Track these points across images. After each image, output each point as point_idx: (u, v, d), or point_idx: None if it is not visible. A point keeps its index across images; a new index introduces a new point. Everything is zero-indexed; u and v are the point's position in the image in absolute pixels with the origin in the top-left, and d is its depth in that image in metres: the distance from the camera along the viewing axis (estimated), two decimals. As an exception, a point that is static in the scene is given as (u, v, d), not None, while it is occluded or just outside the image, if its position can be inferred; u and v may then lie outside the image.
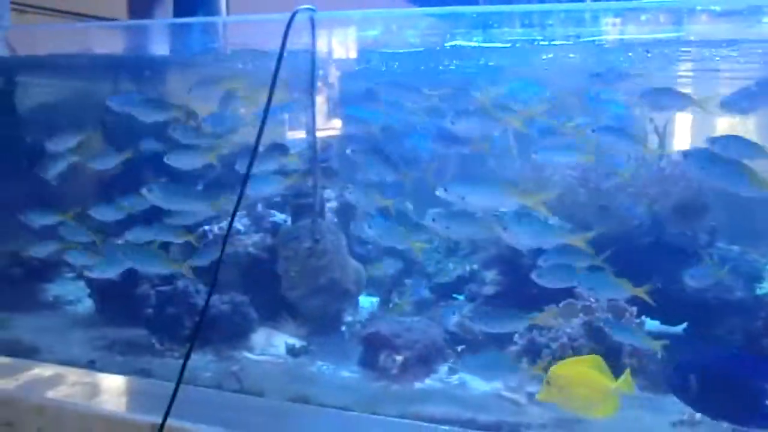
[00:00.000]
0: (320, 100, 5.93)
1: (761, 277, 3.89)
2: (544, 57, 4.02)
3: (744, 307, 3.84)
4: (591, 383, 2.78)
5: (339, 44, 4.36)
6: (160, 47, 5.17)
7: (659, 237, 4.04)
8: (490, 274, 4.21)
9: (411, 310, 4.28)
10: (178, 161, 3.71)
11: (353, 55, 4.56)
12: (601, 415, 2.81)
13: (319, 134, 5.46)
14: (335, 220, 4.21)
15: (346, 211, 4.35)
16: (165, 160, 3.66)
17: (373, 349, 3.70)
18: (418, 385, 3.61)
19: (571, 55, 4.22)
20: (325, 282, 3.86)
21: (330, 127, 6.14)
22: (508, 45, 3.77)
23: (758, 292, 3.79)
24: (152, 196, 3.56)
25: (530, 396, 3.46)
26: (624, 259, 3.94)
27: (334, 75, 5.87)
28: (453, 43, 3.77)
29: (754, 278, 3.95)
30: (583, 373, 2.82)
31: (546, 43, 3.74)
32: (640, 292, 3.40)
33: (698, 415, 3.26)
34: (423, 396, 3.49)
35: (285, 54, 2.97)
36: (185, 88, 4.19)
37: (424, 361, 3.71)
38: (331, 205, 4.26)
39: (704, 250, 4.14)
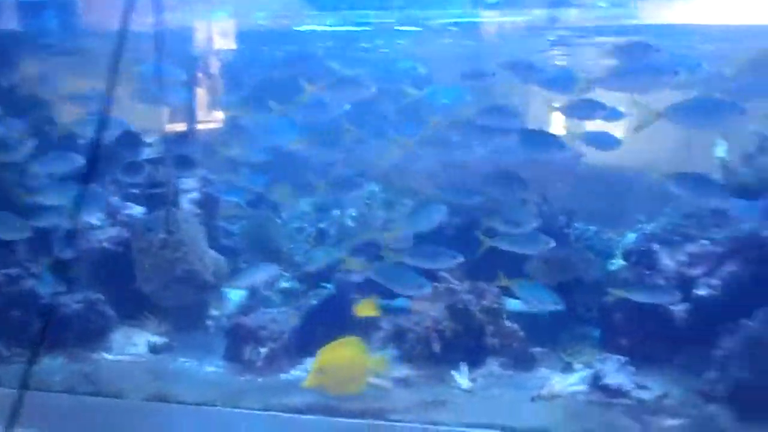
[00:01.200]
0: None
1: (613, 254, 4.08)
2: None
3: (597, 284, 4.00)
4: (351, 365, 2.85)
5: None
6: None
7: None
8: (358, 262, 4.18)
9: (279, 300, 4.20)
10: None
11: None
12: (354, 391, 2.90)
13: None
14: (197, 211, 4.06)
15: (209, 203, 4.20)
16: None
17: (237, 342, 3.60)
18: (284, 376, 3.54)
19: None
20: (181, 274, 3.70)
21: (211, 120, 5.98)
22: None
23: (610, 268, 3.96)
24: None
25: (397, 381, 3.48)
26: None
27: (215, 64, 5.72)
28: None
29: (607, 255, 4.13)
30: (344, 356, 2.87)
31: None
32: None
33: (556, 389, 3.39)
34: (289, 387, 3.42)
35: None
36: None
37: (290, 352, 3.64)
38: (193, 196, 4.10)
39: (562, 230, 4.30)
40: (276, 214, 4.70)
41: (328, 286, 4.19)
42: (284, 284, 4.26)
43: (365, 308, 3.48)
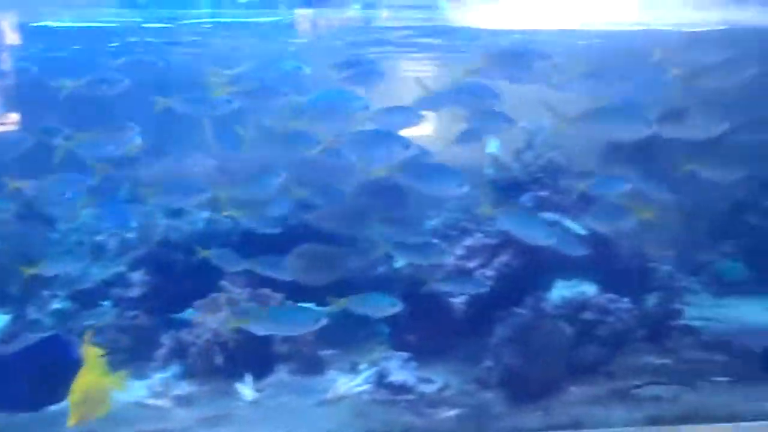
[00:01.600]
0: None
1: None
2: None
3: (387, 281, 4.05)
4: (96, 388, 2.64)
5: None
6: None
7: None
8: (137, 275, 3.94)
9: (51, 323, 3.85)
10: None
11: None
12: (102, 414, 2.66)
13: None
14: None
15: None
16: None
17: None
18: (54, 408, 3.23)
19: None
20: None
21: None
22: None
23: (395, 265, 4.02)
24: None
25: (178, 399, 3.30)
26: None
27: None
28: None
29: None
30: (88, 381, 2.64)
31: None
32: None
33: (341, 390, 3.38)
34: (50, 421, 3.12)
35: None
36: None
37: (53, 381, 3.33)
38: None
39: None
40: (51, 226, 4.33)
41: (105, 303, 3.92)
42: (56, 305, 3.91)
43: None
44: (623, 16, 4.40)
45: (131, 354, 3.60)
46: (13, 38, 3.44)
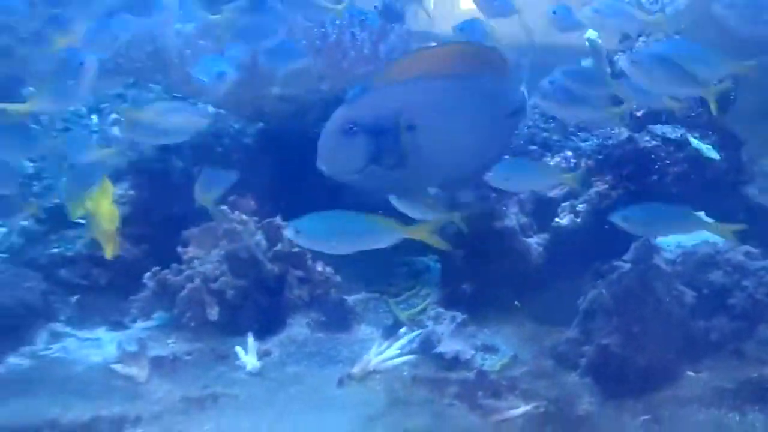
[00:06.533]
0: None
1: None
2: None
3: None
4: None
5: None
6: None
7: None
8: (123, 188, 3.08)
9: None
10: None
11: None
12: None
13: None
14: None
15: None
16: None
17: None
18: (-7, 368, 2.49)
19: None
20: None
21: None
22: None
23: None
24: None
25: (155, 363, 2.50)
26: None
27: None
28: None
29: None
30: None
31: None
32: None
33: (373, 363, 2.51)
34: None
35: None
36: None
37: (7, 331, 2.57)
38: None
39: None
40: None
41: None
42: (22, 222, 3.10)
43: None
44: None
45: (106, 295, 2.82)
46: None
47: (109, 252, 2.41)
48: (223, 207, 2.72)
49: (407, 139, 1.92)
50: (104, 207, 2.40)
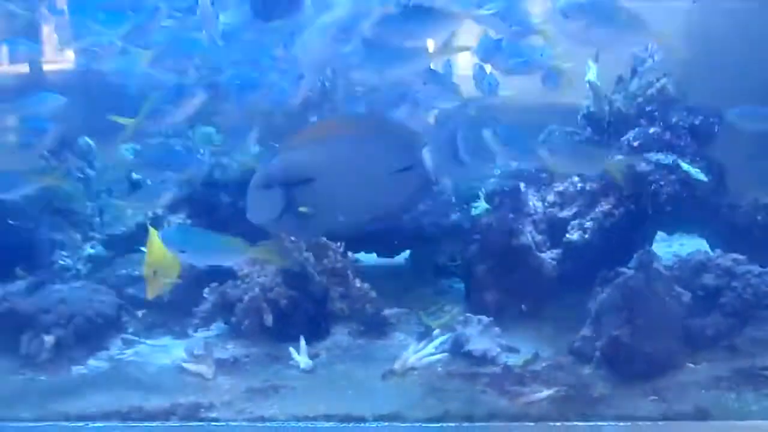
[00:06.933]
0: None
1: (477, 196, 3.55)
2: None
3: (461, 231, 3.50)
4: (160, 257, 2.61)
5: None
6: None
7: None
8: (179, 218, 3.47)
9: (85, 271, 3.42)
10: None
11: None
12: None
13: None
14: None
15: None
16: None
17: (11, 332, 2.84)
18: (76, 370, 2.82)
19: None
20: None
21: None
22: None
23: (473, 212, 3.44)
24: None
25: (219, 364, 2.85)
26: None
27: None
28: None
29: (470, 198, 3.60)
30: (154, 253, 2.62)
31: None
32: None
33: (411, 360, 2.86)
34: (80, 385, 2.71)
35: None
36: None
37: (86, 338, 2.92)
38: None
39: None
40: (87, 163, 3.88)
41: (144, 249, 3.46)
42: (89, 251, 3.47)
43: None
44: None
45: (168, 310, 3.17)
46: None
47: (149, 293, 2.61)
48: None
49: (309, 190, 2.25)
50: (154, 253, 2.60)
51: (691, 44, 3.92)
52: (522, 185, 3.29)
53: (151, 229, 2.62)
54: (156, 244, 2.57)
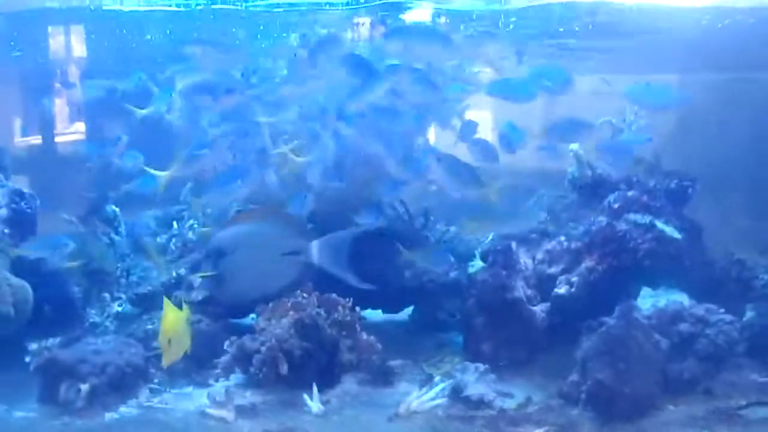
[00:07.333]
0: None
1: (473, 255, 3.87)
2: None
3: (459, 287, 3.81)
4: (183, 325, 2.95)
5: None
6: None
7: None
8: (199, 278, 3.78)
9: (113, 327, 3.72)
10: None
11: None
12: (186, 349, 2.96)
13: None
14: (5, 230, 3.52)
15: (22, 221, 3.66)
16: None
17: (51, 381, 3.12)
18: (109, 416, 3.09)
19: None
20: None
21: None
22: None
23: (470, 270, 3.76)
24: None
25: (239, 410, 3.12)
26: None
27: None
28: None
29: (467, 257, 3.92)
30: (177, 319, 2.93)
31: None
32: None
33: (414, 405, 3.13)
34: (112, 429, 2.98)
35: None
36: None
37: (118, 386, 3.19)
38: (0, 213, 3.55)
39: (422, 231, 4.09)
40: (113, 228, 4.23)
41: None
42: (117, 308, 3.78)
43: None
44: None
45: (193, 360, 3.45)
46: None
47: (164, 361, 2.90)
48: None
49: (227, 260, 2.98)
50: (168, 323, 2.89)
51: (667, 114, 4.33)
52: (514, 244, 3.60)
53: (166, 301, 2.92)
54: (170, 315, 2.88)
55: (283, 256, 2.99)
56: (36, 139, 5.54)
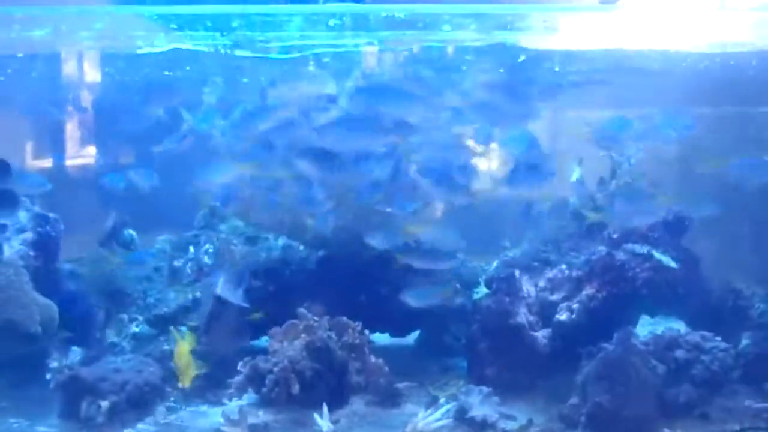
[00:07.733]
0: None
1: (478, 282, 4.01)
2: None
3: (463, 313, 3.94)
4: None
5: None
6: None
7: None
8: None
9: (130, 347, 3.87)
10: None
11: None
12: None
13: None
14: (31, 253, 3.68)
15: (47, 244, 3.82)
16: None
17: (73, 397, 3.26)
18: (127, 432, 3.23)
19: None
20: (-1, 324, 3.29)
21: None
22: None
23: (474, 297, 3.89)
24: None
25: (253, 428, 3.24)
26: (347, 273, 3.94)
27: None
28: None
29: (472, 284, 4.06)
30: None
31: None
32: None
33: (420, 426, 3.25)
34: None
35: None
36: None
37: (136, 403, 3.33)
38: (26, 236, 3.71)
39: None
40: (129, 251, 4.40)
41: (183, 328, 3.91)
42: (134, 329, 3.93)
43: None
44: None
45: (204, 382, 3.58)
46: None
47: (183, 381, 3.35)
48: (301, 310, 3.56)
49: None
50: (181, 359, 3.33)
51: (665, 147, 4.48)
52: (517, 272, 3.75)
53: (177, 337, 3.23)
54: (181, 351, 3.28)
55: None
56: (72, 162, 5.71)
